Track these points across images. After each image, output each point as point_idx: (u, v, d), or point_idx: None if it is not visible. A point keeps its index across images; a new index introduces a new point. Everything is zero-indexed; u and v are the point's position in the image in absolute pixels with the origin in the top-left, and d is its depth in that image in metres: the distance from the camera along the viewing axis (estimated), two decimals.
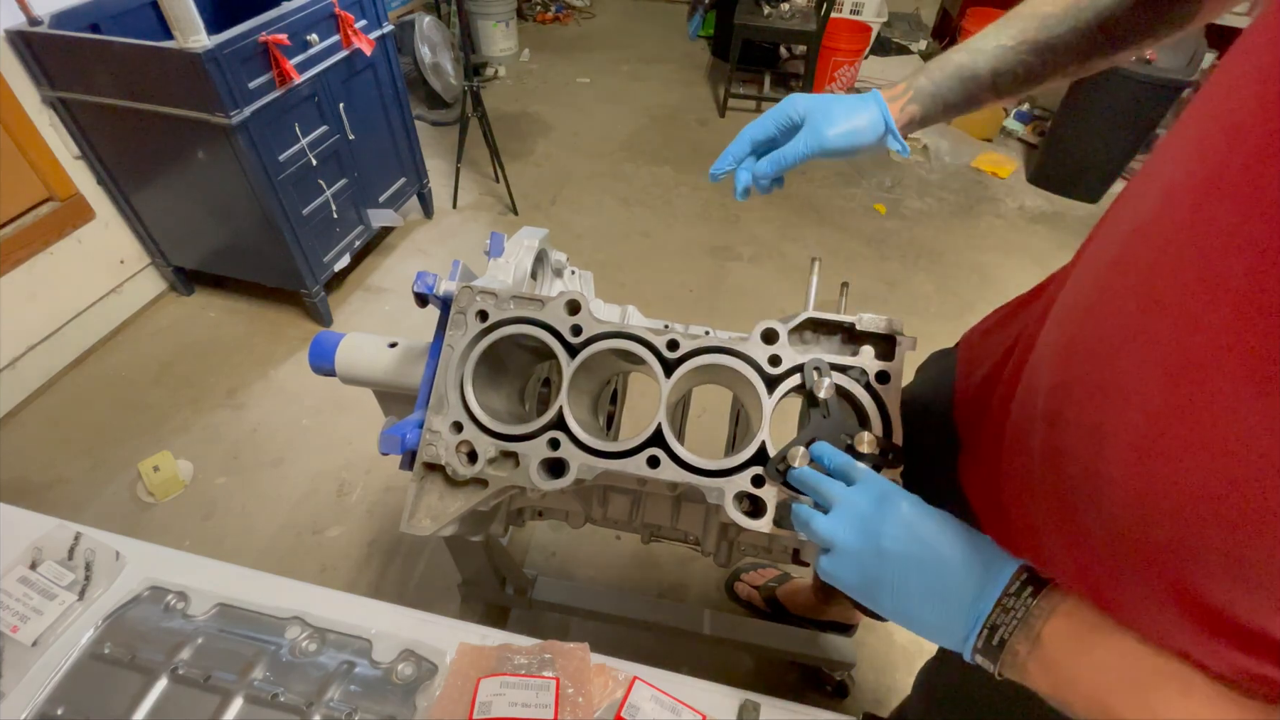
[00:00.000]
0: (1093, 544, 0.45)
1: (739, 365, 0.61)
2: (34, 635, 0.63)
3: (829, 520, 0.49)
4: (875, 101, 0.62)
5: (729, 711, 0.60)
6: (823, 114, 0.61)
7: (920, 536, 0.45)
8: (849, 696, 1.30)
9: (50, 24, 1.60)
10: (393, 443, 0.63)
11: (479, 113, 2.37)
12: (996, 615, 0.41)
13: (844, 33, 3.23)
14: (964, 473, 0.65)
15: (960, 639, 0.42)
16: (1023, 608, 0.40)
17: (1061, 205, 2.76)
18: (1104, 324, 0.43)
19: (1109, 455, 0.41)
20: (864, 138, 0.61)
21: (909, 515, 0.46)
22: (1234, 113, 0.33)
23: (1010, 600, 0.41)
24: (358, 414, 1.81)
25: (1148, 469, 0.39)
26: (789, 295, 2.26)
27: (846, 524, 0.48)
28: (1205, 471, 0.35)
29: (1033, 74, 0.59)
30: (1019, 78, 0.59)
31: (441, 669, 0.62)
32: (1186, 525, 0.37)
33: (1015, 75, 0.59)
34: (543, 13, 4.24)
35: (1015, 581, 0.41)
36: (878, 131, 0.61)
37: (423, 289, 0.67)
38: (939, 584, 0.43)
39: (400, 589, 1.47)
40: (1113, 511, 0.42)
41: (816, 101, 0.62)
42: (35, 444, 1.75)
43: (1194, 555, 0.38)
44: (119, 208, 1.94)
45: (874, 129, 0.61)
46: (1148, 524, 0.40)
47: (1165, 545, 0.39)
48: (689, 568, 1.53)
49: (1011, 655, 0.40)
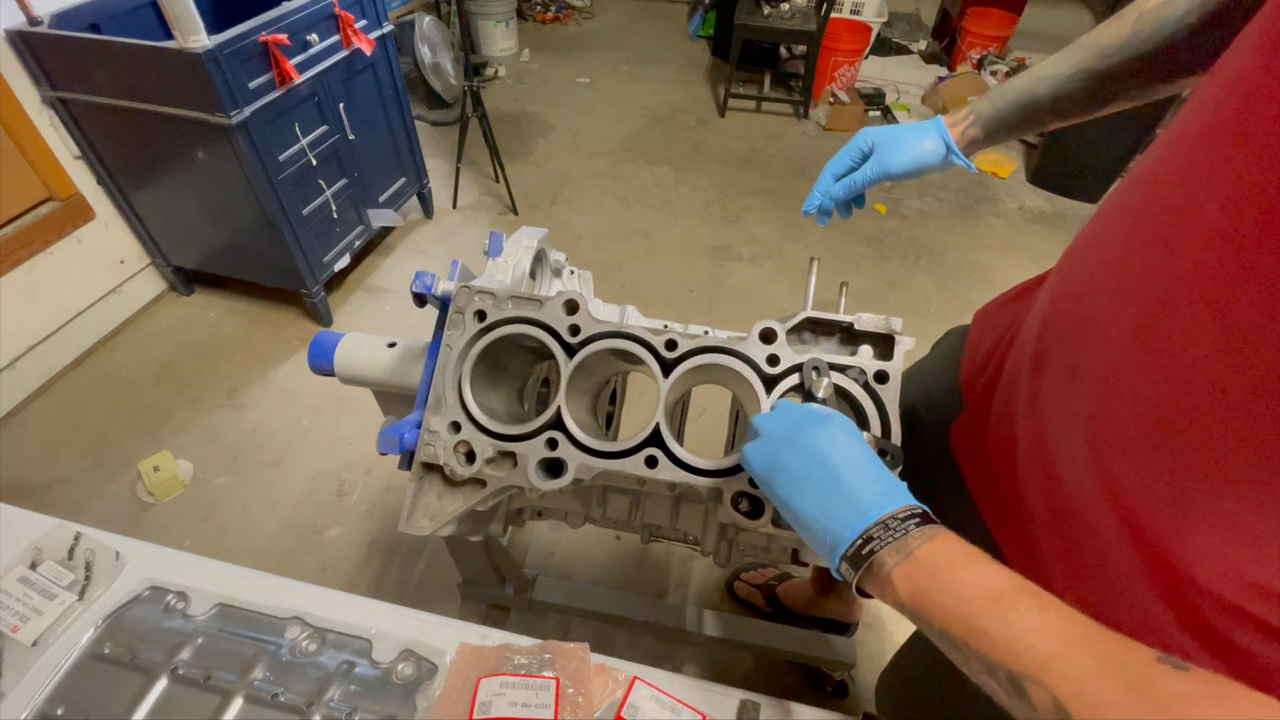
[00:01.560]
0: (1064, 490, 0.47)
1: (737, 365, 0.61)
2: (34, 635, 0.64)
3: (769, 414, 0.51)
4: (937, 128, 0.68)
5: (729, 711, 0.60)
6: (889, 143, 0.68)
7: (840, 447, 0.46)
8: (849, 696, 1.30)
9: (50, 24, 1.60)
10: (391, 443, 0.63)
11: (479, 113, 2.37)
12: (876, 530, 0.41)
13: (844, 33, 3.23)
14: (955, 433, 0.67)
15: (832, 546, 0.42)
16: (903, 530, 0.40)
17: (1061, 205, 2.76)
18: (1091, 266, 0.45)
19: (1081, 390, 0.43)
20: (927, 160, 0.68)
21: (841, 433, 0.47)
22: (1232, 66, 0.35)
23: (895, 523, 0.41)
24: (357, 414, 1.81)
25: (1111, 405, 0.40)
26: (789, 295, 2.26)
27: (781, 418, 0.50)
28: (1162, 403, 0.37)
29: (1095, 98, 0.61)
30: (1080, 102, 0.62)
31: (441, 669, 0.62)
32: (1141, 461, 0.39)
33: (1075, 100, 0.62)
34: (543, 13, 4.24)
35: (907, 511, 0.41)
36: (940, 155, 0.68)
37: (421, 289, 0.67)
38: (835, 488, 0.44)
39: (400, 589, 1.47)
40: (1078, 450, 0.44)
41: (884, 132, 0.69)
42: (35, 444, 1.75)
43: (1146, 490, 0.39)
44: (119, 208, 1.94)
45: (935, 153, 0.68)
46: (1106, 460, 0.41)
47: (1122, 482, 0.41)
48: (689, 568, 1.53)
49: (878, 566, 0.40)
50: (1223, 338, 0.33)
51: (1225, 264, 0.32)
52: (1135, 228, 0.40)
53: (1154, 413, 0.38)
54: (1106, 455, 0.42)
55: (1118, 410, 0.40)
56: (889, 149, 0.68)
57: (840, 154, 0.71)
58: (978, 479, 0.62)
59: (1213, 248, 0.33)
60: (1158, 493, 0.39)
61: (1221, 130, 0.34)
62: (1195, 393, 0.35)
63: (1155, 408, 0.37)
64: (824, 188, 0.72)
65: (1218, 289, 0.33)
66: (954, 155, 0.68)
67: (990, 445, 0.59)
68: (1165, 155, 0.39)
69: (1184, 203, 0.35)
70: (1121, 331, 0.40)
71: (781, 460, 0.46)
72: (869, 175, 0.69)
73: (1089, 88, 0.60)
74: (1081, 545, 0.47)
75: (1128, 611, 0.43)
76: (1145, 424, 0.38)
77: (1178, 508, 0.37)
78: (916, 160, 0.68)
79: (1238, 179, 0.32)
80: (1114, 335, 0.40)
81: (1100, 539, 0.44)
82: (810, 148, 3.10)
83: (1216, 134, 0.34)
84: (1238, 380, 0.32)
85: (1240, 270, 0.32)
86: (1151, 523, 0.40)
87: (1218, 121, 0.34)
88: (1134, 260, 0.39)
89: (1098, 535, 0.44)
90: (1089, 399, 0.42)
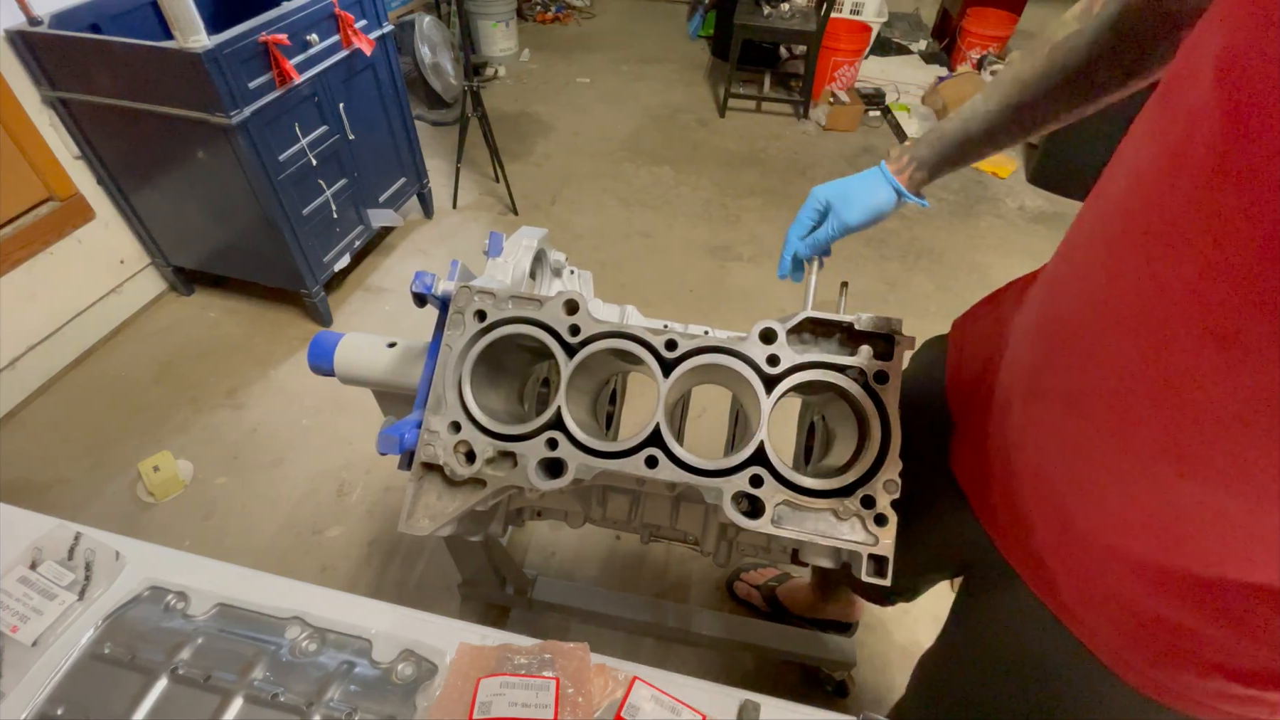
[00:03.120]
0: (1076, 526, 0.48)
1: (737, 365, 0.61)
2: (34, 635, 0.63)
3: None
4: (885, 178, 0.73)
5: (729, 711, 0.60)
6: (842, 200, 0.73)
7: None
8: (849, 696, 1.30)
9: (50, 24, 1.60)
10: (391, 443, 0.63)
11: (479, 113, 2.37)
12: None
13: (844, 33, 3.22)
14: (954, 453, 0.67)
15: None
16: None
17: (1061, 205, 2.76)
18: (1076, 294, 0.45)
19: (1084, 420, 0.44)
20: (881, 208, 0.73)
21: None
22: (1189, 98, 0.35)
23: None
24: (357, 414, 1.81)
25: (1121, 435, 0.41)
26: (789, 295, 2.26)
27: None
28: (1169, 427, 0.37)
29: (1026, 127, 0.64)
30: (1013, 133, 0.65)
31: (441, 669, 0.62)
32: (1156, 490, 0.40)
33: (1010, 131, 0.65)
34: (543, 13, 4.24)
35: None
36: (892, 201, 0.73)
37: (421, 289, 0.67)
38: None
39: (400, 589, 1.47)
40: (1085, 484, 0.45)
41: (836, 189, 0.74)
42: (35, 444, 1.75)
43: (1157, 520, 0.41)
44: (119, 208, 1.94)
45: (888, 201, 0.73)
46: (1115, 492, 0.43)
47: (1135, 515, 0.42)
48: (689, 568, 1.53)
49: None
50: (1230, 368, 0.33)
51: (1227, 297, 0.32)
52: (1116, 257, 0.40)
53: (1166, 441, 0.38)
54: (1115, 487, 0.42)
55: (1130, 440, 0.40)
56: (844, 205, 0.73)
57: (799, 217, 0.76)
58: (982, 504, 0.62)
59: (1210, 280, 0.33)
60: (1167, 521, 0.39)
61: (1194, 165, 0.34)
62: (1207, 421, 0.35)
63: (1166, 436, 0.38)
64: (791, 250, 0.77)
65: (1220, 321, 0.33)
66: (906, 198, 0.73)
67: (990, 470, 0.59)
68: (1133, 186, 0.40)
69: (1168, 233, 0.36)
70: (1121, 363, 0.40)
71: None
72: (830, 233, 0.74)
73: (1017, 119, 0.64)
74: (1093, 574, 0.47)
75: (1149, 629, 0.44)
76: (1159, 454, 0.39)
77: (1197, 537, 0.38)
78: (871, 211, 0.73)
79: (1227, 212, 0.32)
80: (1113, 367, 0.41)
81: (1114, 570, 0.45)
82: (810, 148, 3.10)
83: (1189, 168, 0.34)
84: (1254, 410, 0.33)
85: (1243, 302, 0.32)
86: (1168, 557, 0.40)
87: (1187, 156, 0.34)
88: (1121, 292, 0.40)
89: (1110, 564, 0.45)
90: (1095, 429, 0.43)
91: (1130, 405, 0.40)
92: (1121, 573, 0.45)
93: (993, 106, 0.64)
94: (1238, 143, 0.31)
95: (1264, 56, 0.29)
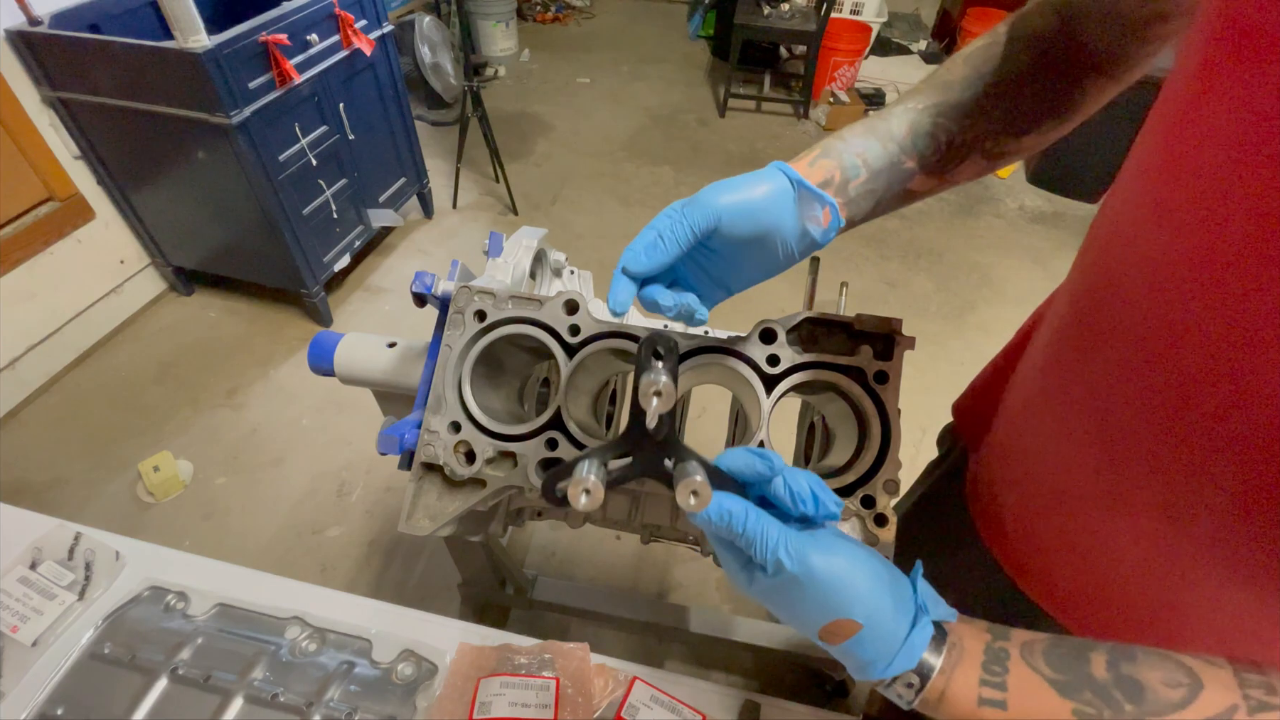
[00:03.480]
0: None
1: (736, 365, 0.61)
2: (34, 635, 0.64)
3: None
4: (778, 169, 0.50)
5: (729, 711, 0.60)
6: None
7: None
8: (849, 696, 1.30)
9: (50, 24, 1.60)
10: (391, 443, 0.63)
11: (479, 113, 2.37)
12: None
13: (844, 33, 3.22)
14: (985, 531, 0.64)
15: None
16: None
17: (1061, 205, 2.76)
18: (1108, 362, 0.44)
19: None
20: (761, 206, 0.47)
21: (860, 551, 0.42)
22: (1209, 120, 0.33)
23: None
24: (358, 414, 1.81)
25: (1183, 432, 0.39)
26: (789, 295, 2.26)
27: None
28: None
29: (952, 140, 0.53)
30: (939, 143, 0.52)
31: (441, 669, 0.62)
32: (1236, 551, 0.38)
33: (935, 139, 0.52)
34: (543, 13, 4.24)
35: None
36: (788, 195, 0.47)
37: (420, 289, 0.67)
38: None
39: (400, 589, 1.47)
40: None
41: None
42: (35, 444, 1.75)
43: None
44: (119, 208, 1.94)
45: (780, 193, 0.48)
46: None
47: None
48: (689, 568, 1.53)
49: None
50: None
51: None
52: (1142, 318, 0.39)
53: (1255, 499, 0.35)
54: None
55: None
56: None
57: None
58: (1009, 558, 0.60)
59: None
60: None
61: (1227, 208, 0.32)
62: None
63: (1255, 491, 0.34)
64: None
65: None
66: (809, 191, 0.50)
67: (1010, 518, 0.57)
68: (1150, 220, 0.38)
69: (1204, 283, 0.33)
70: (1197, 433, 0.37)
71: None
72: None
73: (941, 124, 0.52)
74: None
75: None
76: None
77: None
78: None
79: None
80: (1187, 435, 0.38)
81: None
82: None
83: (1216, 206, 0.32)
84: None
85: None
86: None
87: (1174, 210, 0.34)
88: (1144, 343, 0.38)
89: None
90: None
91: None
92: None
93: (915, 104, 0.54)
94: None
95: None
